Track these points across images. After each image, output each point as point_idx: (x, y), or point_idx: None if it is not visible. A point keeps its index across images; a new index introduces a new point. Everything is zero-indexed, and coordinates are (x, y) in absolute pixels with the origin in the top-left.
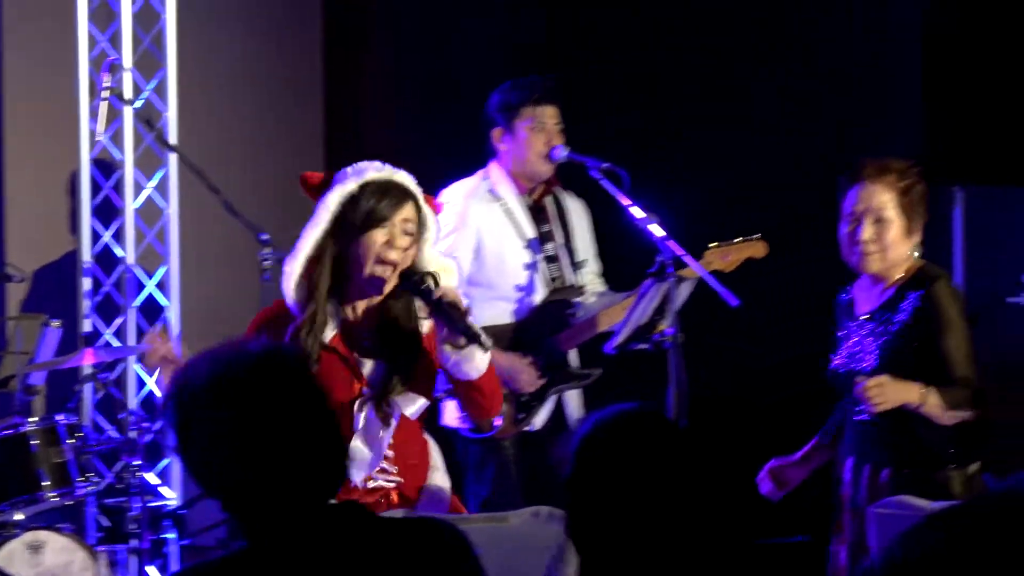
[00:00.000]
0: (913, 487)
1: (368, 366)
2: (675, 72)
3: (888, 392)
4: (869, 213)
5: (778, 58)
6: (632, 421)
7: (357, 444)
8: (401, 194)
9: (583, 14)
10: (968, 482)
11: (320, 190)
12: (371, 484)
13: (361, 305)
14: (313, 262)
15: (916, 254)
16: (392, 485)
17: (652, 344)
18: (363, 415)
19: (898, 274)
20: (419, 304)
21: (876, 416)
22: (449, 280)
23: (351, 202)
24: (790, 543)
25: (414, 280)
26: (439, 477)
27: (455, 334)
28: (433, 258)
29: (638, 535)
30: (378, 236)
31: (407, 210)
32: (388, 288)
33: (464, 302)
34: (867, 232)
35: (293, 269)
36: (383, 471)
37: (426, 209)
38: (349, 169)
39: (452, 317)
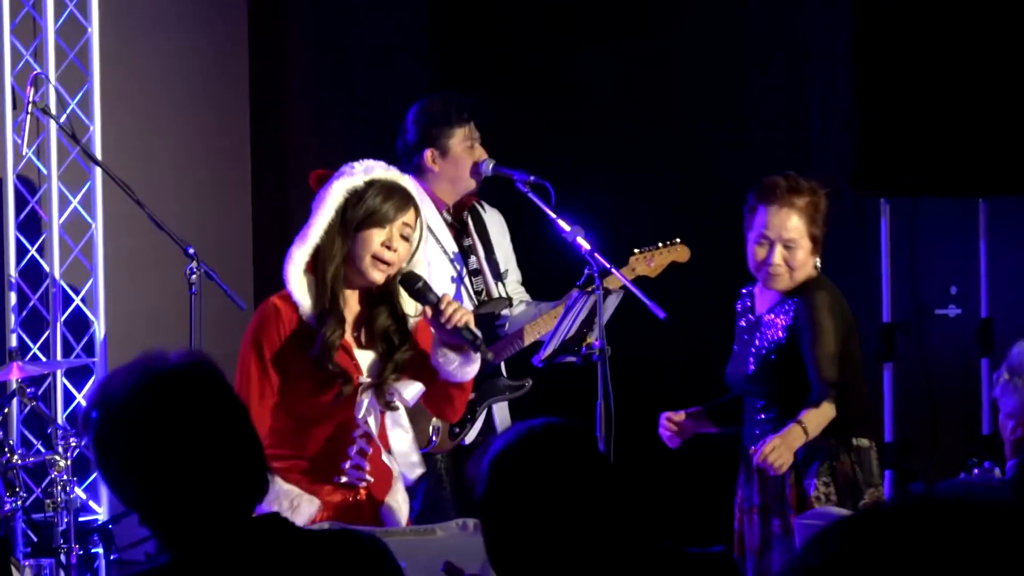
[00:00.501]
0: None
1: (364, 356)
2: (596, 80)
3: (782, 451)
4: (780, 240)
5: (707, 66)
6: (540, 436)
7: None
8: (405, 197)
9: (499, 21)
10: (851, 455)
11: (321, 182)
12: (343, 479)
13: (353, 298)
14: (318, 253)
15: (818, 264)
16: (363, 485)
17: (580, 357)
18: (365, 401)
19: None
20: (405, 298)
21: (762, 417)
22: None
23: (355, 197)
24: (708, 553)
25: (418, 288)
26: (402, 489)
27: (458, 339)
28: (419, 267)
29: (552, 551)
30: (377, 236)
31: (409, 214)
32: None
33: (469, 315)
34: (777, 257)
35: (300, 257)
36: (357, 467)
37: (421, 218)
38: (357, 164)
39: (456, 324)
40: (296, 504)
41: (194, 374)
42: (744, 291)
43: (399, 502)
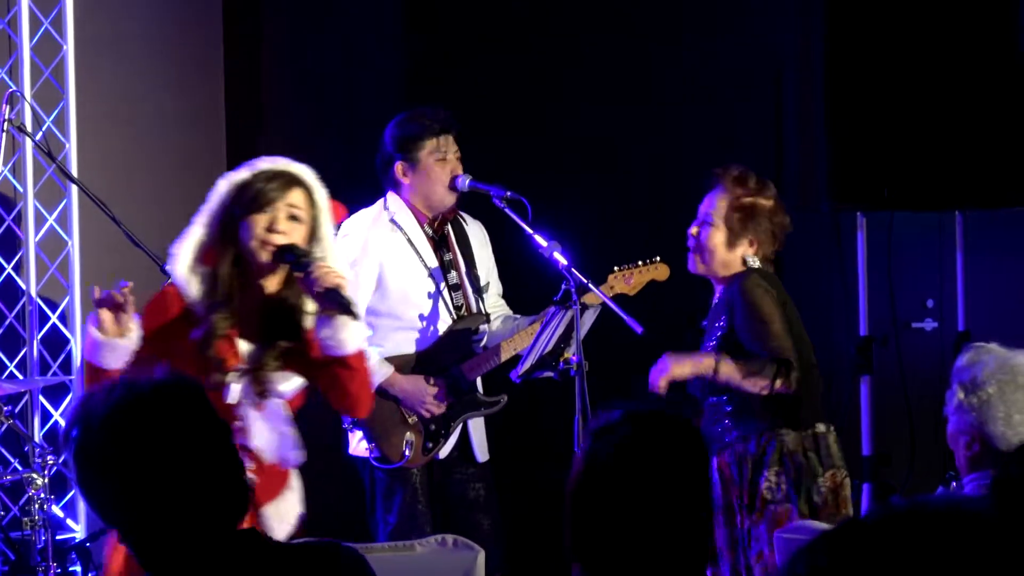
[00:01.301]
0: (742, 459)
1: (245, 345)
2: (570, 92)
3: (669, 366)
4: (701, 216)
5: (679, 80)
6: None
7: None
8: (289, 180)
9: (468, 35)
10: (804, 442)
11: None
12: None
13: (255, 291)
14: (207, 248)
15: (753, 264)
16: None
17: (557, 372)
18: (236, 388)
19: (725, 280)
20: (307, 298)
21: (726, 410)
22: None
23: (239, 189)
24: None
25: (285, 250)
26: (293, 499)
27: (331, 303)
28: (329, 253)
29: (642, 547)
30: (261, 220)
31: (294, 195)
32: (269, 269)
33: (342, 278)
34: (694, 229)
35: (183, 253)
36: None
37: (321, 203)
38: (246, 165)
39: (326, 287)
40: None
41: (174, 392)
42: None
43: (283, 512)
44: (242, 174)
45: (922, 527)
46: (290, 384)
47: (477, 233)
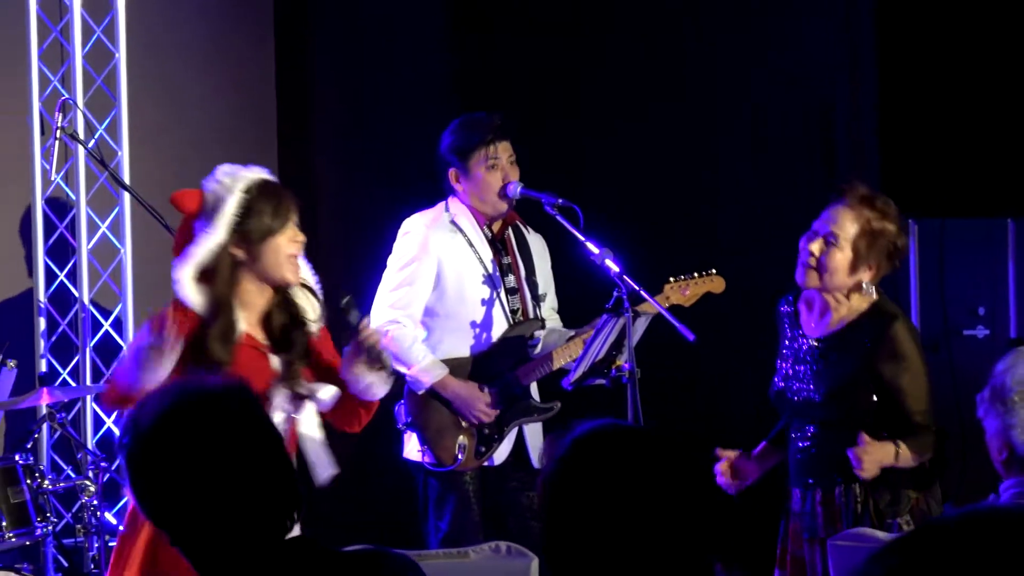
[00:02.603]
0: (867, 496)
1: (274, 358)
2: (627, 98)
3: (874, 456)
4: (823, 232)
5: (733, 92)
6: (612, 439)
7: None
8: (283, 191)
9: (525, 43)
10: (919, 504)
11: (185, 201)
12: None
13: (259, 303)
14: (209, 269)
15: (870, 292)
16: None
17: (609, 380)
18: (279, 399)
19: (852, 308)
20: (306, 308)
21: (819, 438)
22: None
23: (243, 210)
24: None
25: (343, 305)
26: None
27: (373, 361)
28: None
29: (617, 560)
30: (284, 239)
31: (294, 204)
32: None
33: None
34: (813, 246)
35: (187, 275)
36: None
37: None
38: (221, 178)
39: (372, 347)
40: None
41: (229, 398)
42: (784, 308)
43: None
44: (236, 196)
45: (998, 530)
46: (329, 392)
47: (537, 244)
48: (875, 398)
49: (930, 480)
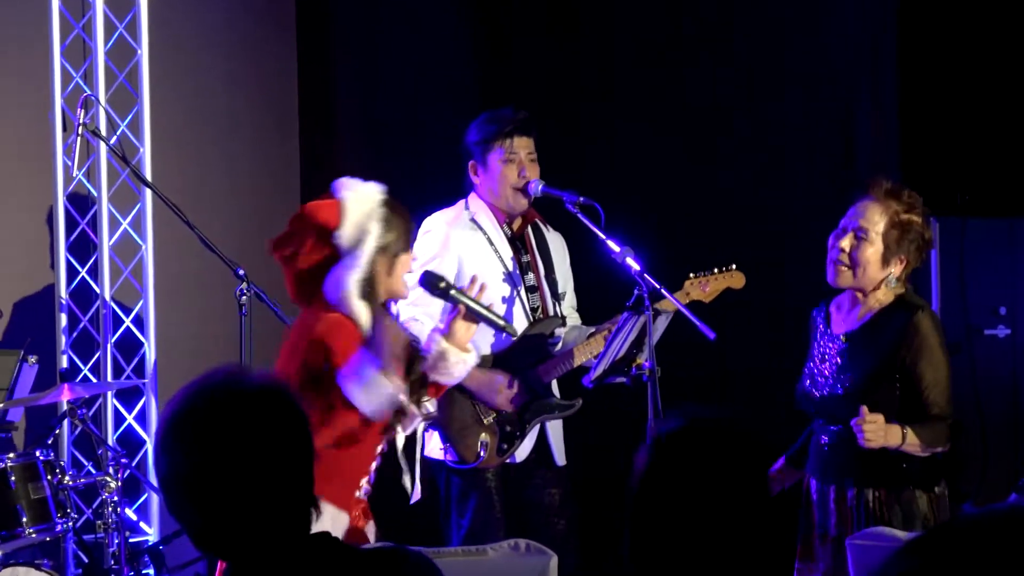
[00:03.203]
0: (879, 507)
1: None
2: (644, 97)
3: (877, 429)
4: (853, 227)
5: (754, 88)
6: (709, 434)
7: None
8: (405, 211)
9: (547, 40)
10: (933, 503)
11: (321, 212)
12: (359, 494)
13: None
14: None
15: (897, 285)
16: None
17: (630, 378)
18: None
19: (878, 300)
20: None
21: (841, 437)
22: None
23: (385, 223)
24: None
25: (442, 287)
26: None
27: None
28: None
29: (703, 554)
30: (407, 256)
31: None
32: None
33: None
34: (844, 242)
35: (353, 292)
36: (368, 484)
37: None
38: (359, 187)
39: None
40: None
41: (264, 395)
42: (817, 313)
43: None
44: (376, 205)
45: (1018, 530)
46: (434, 402)
47: (556, 242)
48: (898, 393)
49: (937, 478)
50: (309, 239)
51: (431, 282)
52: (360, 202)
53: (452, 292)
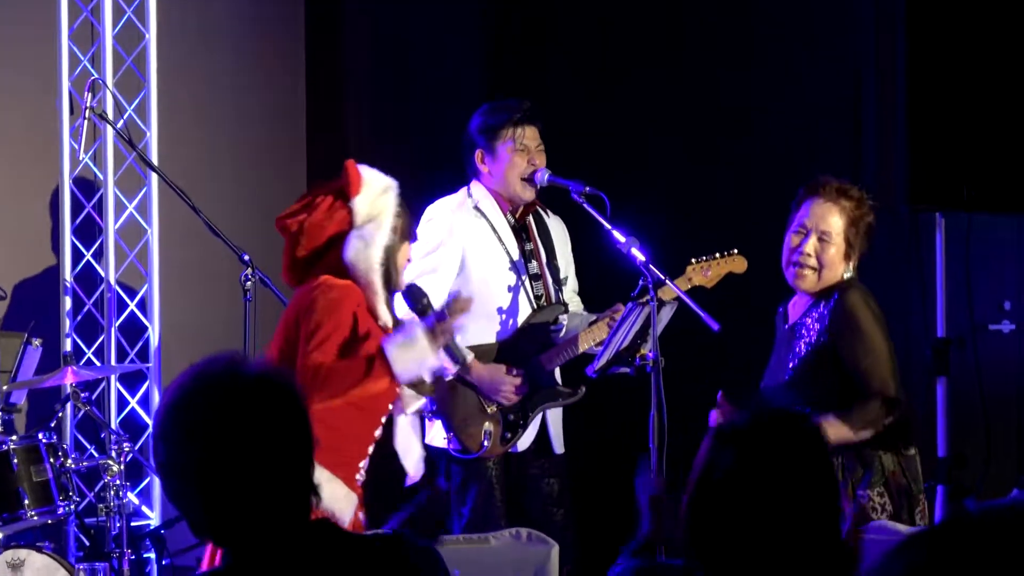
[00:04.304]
0: (843, 472)
1: None
2: (647, 89)
3: None
4: (816, 230)
5: (759, 80)
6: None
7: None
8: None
9: (554, 34)
10: (900, 461)
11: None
12: (359, 477)
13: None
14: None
15: (848, 274)
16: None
17: (633, 368)
18: (408, 395)
19: (821, 290)
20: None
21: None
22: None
23: (401, 209)
24: None
25: (423, 305)
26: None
27: (449, 355)
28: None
29: (763, 547)
30: (407, 249)
31: None
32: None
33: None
34: (809, 246)
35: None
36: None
37: None
38: (377, 174)
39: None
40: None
41: (262, 382)
42: (782, 307)
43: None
44: (395, 198)
45: (1021, 525)
46: (418, 404)
47: (557, 227)
48: (836, 377)
49: (893, 441)
50: (328, 198)
51: (414, 296)
52: (378, 179)
53: (430, 312)
